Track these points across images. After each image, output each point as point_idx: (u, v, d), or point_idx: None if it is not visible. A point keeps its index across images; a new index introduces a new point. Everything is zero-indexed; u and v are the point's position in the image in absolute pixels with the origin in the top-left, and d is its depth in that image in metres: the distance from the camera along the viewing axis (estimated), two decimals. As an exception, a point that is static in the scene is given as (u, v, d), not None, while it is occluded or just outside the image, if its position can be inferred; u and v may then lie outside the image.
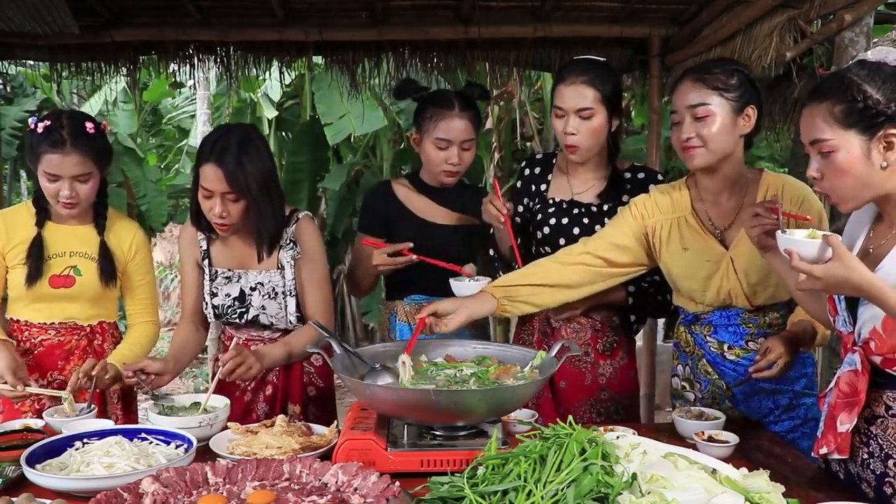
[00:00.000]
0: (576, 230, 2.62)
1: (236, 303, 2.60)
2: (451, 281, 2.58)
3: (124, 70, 4.60)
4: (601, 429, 1.82)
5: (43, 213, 2.63)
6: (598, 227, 2.60)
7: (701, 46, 3.92)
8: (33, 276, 2.58)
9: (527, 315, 2.76)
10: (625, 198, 2.63)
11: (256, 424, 2.19)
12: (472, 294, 2.39)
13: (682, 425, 2.19)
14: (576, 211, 2.65)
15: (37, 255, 2.59)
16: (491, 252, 2.77)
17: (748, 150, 2.40)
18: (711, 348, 2.40)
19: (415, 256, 2.65)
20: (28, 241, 2.59)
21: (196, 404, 2.31)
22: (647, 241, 2.43)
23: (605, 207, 2.65)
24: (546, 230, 2.66)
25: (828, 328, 2.12)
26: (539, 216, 2.69)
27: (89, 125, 2.55)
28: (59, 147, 2.48)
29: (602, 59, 2.64)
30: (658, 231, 2.42)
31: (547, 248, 2.66)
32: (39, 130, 2.49)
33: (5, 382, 2.36)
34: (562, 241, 2.62)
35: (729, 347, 2.37)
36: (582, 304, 2.55)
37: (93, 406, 2.33)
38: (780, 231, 1.81)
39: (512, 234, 2.55)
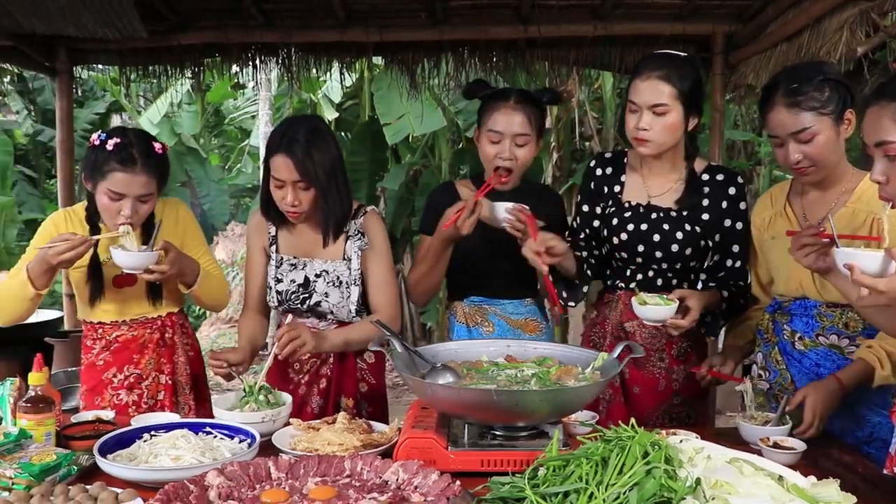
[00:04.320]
0: (656, 237, 2.54)
1: (300, 289, 2.64)
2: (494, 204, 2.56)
3: (189, 72, 4.71)
4: (663, 432, 1.80)
5: (96, 229, 2.59)
6: (679, 233, 2.52)
7: (766, 43, 3.84)
8: (95, 296, 2.63)
9: (598, 317, 2.72)
10: (705, 202, 2.56)
11: (318, 421, 2.21)
12: None
13: (747, 430, 2.14)
14: (654, 216, 2.56)
15: (96, 278, 2.60)
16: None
17: None
18: (785, 336, 2.38)
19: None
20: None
21: (266, 391, 2.32)
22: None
23: (685, 213, 2.55)
24: (623, 236, 2.56)
25: None
26: (615, 220, 2.58)
27: (157, 145, 2.54)
28: (130, 166, 2.44)
29: (683, 53, 2.55)
30: (763, 226, 2.47)
31: (623, 254, 2.59)
32: (109, 147, 2.44)
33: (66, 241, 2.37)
34: (640, 248, 2.55)
35: (800, 337, 2.34)
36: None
37: (154, 249, 2.43)
38: (836, 247, 1.77)
39: (550, 284, 2.47)
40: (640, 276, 2.61)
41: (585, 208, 2.72)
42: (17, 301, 2.50)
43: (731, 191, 2.58)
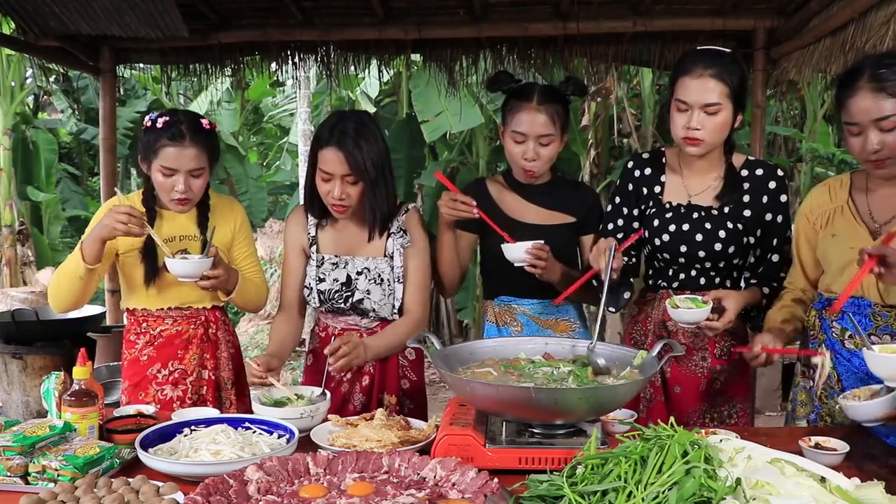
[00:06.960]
0: (698, 237, 2.51)
1: (343, 287, 2.65)
2: (503, 246, 2.59)
3: (229, 70, 4.77)
4: (703, 431, 1.78)
5: (152, 213, 2.68)
6: (721, 231, 2.49)
7: (809, 37, 3.79)
8: (150, 276, 2.67)
9: (640, 315, 2.70)
10: (746, 198, 2.52)
11: (356, 417, 2.23)
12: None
13: (858, 409, 2.01)
14: (695, 215, 2.53)
15: (151, 258, 2.66)
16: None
17: None
18: (833, 334, 2.33)
19: (476, 212, 2.57)
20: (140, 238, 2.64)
21: (299, 396, 2.36)
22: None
23: (726, 210, 2.52)
24: (665, 238, 2.54)
25: None
26: (656, 222, 2.56)
27: (204, 122, 2.62)
28: (179, 140, 2.53)
29: (728, 50, 2.49)
30: (819, 222, 2.38)
31: (665, 255, 2.57)
32: (159, 125, 2.55)
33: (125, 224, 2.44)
34: (683, 248, 2.52)
35: (850, 336, 2.29)
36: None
37: (209, 256, 2.53)
38: None
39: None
40: (682, 276, 2.58)
41: (625, 210, 2.69)
42: (70, 280, 2.54)
43: (772, 185, 2.54)
